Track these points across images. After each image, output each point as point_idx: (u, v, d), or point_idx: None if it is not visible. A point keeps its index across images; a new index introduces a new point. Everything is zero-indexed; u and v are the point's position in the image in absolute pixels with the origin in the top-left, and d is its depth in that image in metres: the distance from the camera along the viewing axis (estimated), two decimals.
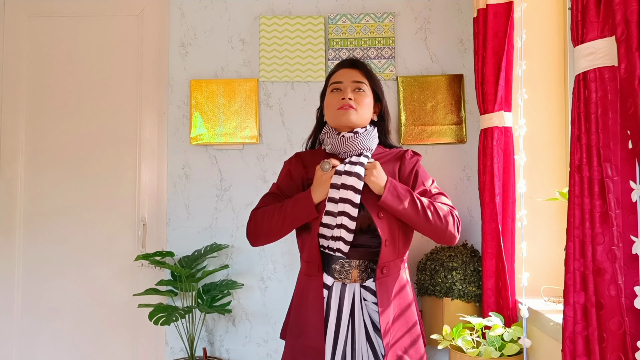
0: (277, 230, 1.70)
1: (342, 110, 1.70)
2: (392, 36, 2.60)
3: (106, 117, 2.71)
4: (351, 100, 1.70)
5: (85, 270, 2.69)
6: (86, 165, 2.70)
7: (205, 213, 2.65)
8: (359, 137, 1.71)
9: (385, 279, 1.67)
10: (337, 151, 1.74)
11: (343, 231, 1.64)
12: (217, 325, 2.63)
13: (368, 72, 1.77)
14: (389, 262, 1.68)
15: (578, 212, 1.27)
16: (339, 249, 1.67)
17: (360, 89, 1.73)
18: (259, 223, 1.73)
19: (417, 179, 1.74)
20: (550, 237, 2.25)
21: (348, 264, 1.69)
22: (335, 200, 1.63)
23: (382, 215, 1.64)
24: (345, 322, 1.68)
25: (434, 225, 1.63)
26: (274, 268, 2.62)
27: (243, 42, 2.67)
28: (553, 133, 2.27)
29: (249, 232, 1.76)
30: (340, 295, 1.70)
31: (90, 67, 2.73)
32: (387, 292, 1.67)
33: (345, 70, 1.76)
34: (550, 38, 2.28)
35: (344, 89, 1.73)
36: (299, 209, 1.66)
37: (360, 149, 1.71)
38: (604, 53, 1.23)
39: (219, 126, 2.63)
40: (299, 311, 1.73)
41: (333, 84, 1.75)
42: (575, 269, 1.27)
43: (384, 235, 1.63)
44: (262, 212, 1.72)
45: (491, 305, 2.20)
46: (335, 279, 1.70)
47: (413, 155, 1.80)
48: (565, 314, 1.29)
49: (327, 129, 1.79)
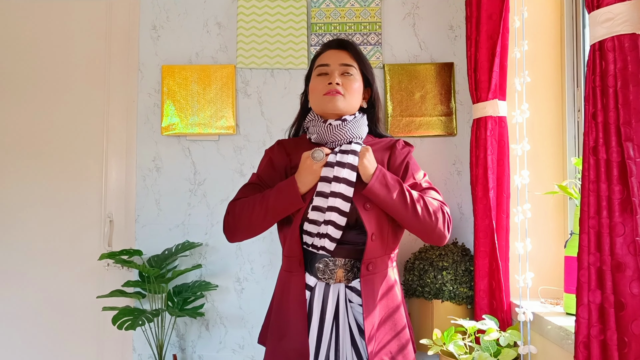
0: (258, 223, 1.54)
1: (328, 97, 1.55)
2: (379, 21, 2.45)
3: (70, 105, 2.51)
4: (339, 85, 1.55)
5: (46, 272, 2.48)
6: (47, 158, 2.50)
7: (177, 209, 2.46)
8: (348, 125, 1.57)
9: (371, 277, 1.53)
10: (324, 140, 1.59)
11: (330, 227, 1.49)
12: (189, 330, 2.44)
13: (357, 54, 1.61)
14: (376, 259, 1.53)
15: (593, 200, 1.12)
16: (324, 246, 1.52)
17: (349, 72, 1.58)
18: (237, 216, 1.56)
19: (408, 170, 1.60)
20: (547, 234, 2.11)
21: (333, 262, 1.54)
22: (325, 195, 1.48)
23: (369, 206, 1.49)
24: (328, 326, 1.53)
25: (422, 221, 1.49)
26: (251, 268, 2.44)
27: (219, 25, 2.49)
28: (550, 123, 2.13)
29: (226, 227, 1.59)
30: (324, 297, 1.54)
31: (53, 52, 2.53)
32: (372, 292, 1.52)
33: (333, 52, 1.61)
34: (545, 22, 2.15)
35: (331, 73, 1.57)
36: (283, 199, 1.50)
37: (348, 138, 1.57)
38: (624, 19, 1.09)
39: (192, 115, 2.45)
40: (280, 311, 1.57)
41: (319, 67, 1.60)
42: (590, 264, 1.12)
43: (370, 228, 1.49)
44: (242, 204, 1.56)
45: (484, 308, 2.06)
46: (319, 279, 1.55)
47: (405, 145, 1.66)
48: (579, 316, 1.14)
49: (312, 115, 1.63)
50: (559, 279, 2.05)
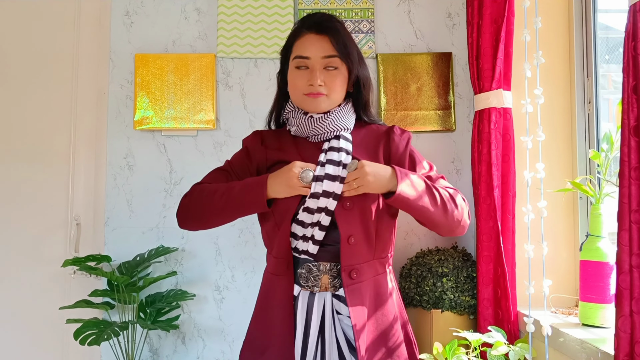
0: (213, 213, 1.39)
1: (310, 98, 1.40)
2: (372, 8, 2.27)
3: (35, 97, 2.31)
4: (321, 86, 1.39)
5: (5, 279, 2.27)
6: (8, 154, 2.30)
7: (151, 211, 2.26)
8: (331, 116, 1.42)
9: (358, 286, 1.34)
10: (305, 134, 1.44)
11: (316, 229, 1.33)
12: (164, 344, 2.23)
13: (340, 39, 1.41)
14: (361, 265, 1.35)
15: (636, 190, 0.94)
16: (307, 250, 1.35)
17: (332, 66, 1.40)
18: (195, 199, 1.41)
19: (415, 160, 1.45)
20: (556, 237, 1.94)
21: (317, 268, 1.36)
22: (317, 196, 1.32)
23: (349, 204, 1.33)
24: (313, 340, 1.34)
25: (450, 215, 1.36)
26: (232, 275, 2.24)
27: (199, 11, 2.31)
28: (558, 116, 1.98)
29: (180, 208, 1.44)
30: (308, 307, 1.36)
31: (16, 39, 2.32)
32: (362, 304, 1.34)
33: (312, 38, 1.41)
34: (552, 7, 2.00)
35: (311, 68, 1.40)
36: (247, 197, 1.35)
37: (333, 131, 1.42)
38: None
39: (168, 108, 2.25)
40: (262, 320, 1.41)
41: (298, 59, 1.41)
42: (633, 266, 0.94)
43: (347, 230, 1.32)
44: (202, 189, 1.41)
45: (488, 318, 1.88)
46: (302, 286, 1.37)
47: (402, 132, 1.49)
48: (619, 329, 0.95)
49: (291, 106, 1.48)
50: (570, 285, 1.88)
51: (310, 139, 1.45)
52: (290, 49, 1.45)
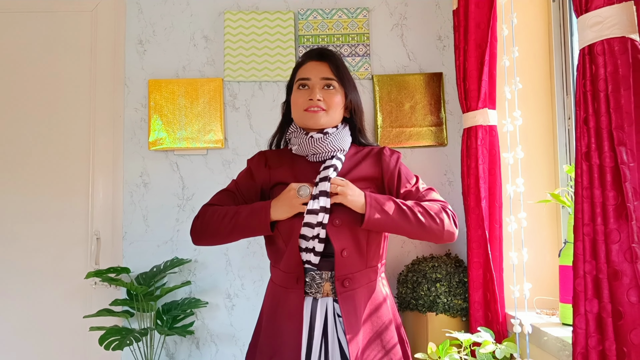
0: (223, 235, 1.53)
1: (310, 113, 1.56)
2: (367, 32, 2.44)
3: (55, 120, 2.47)
4: (320, 101, 1.55)
5: (31, 290, 2.41)
6: (32, 173, 2.45)
7: (165, 225, 2.41)
8: (329, 137, 1.57)
9: (351, 294, 1.48)
10: (305, 152, 1.59)
11: (316, 241, 1.47)
12: (179, 349, 2.38)
13: (337, 66, 1.60)
14: (353, 274, 1.49)
15: (587, 207, 1.09)
16: (309, 260, 1.49)
17: (330, 86, 1.57)
18: (206, 222, 1.55)
19: (401, 177, 1.59)
20: (541, 244, 2.08)
21: (319, 276, 1.50)
22: (315, 212, 1.46)
23: (338, 222, 1.47)
24: (317, 342, 1.48)
25: (428, 229, 1.47)
26: (241, 284, 2.39)
27: (206, 39, 2.47)
28: (541, 131, 2.12)
29: (193, 229, 1.59)
30: (312, 312, 1.50)
31: (39, 66, 2.48)
32: (354, 310, 1.48)
33: (314, 64, 1.60)
34: (533, 30, 2.15)
35: (312, 87, 1.57)
36: (252, 222, 1.49)
37: (330, 151, 1.57)
38: (613, 22, 1.07)
39: (180, 130, 2.41)
40: (272, 328, 1.53)
41: (300, 80, 1.59)
42: (586, 272, 1.09)
43: (340, 244, 1.47)
44: (213, 212, 1.55)
45: (479, 320, 2.02)
46: (306, 293, 1.50)
47: (392, 152, 1.65)
48: (576, 326, 1.11)
49: (294, 127, 1.64)
50: (553, 288, 2.02)
51: (309, 158, 1.60)
52: (294, 77, 1.63)
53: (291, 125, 1.65)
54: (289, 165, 1.62)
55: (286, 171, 1.60)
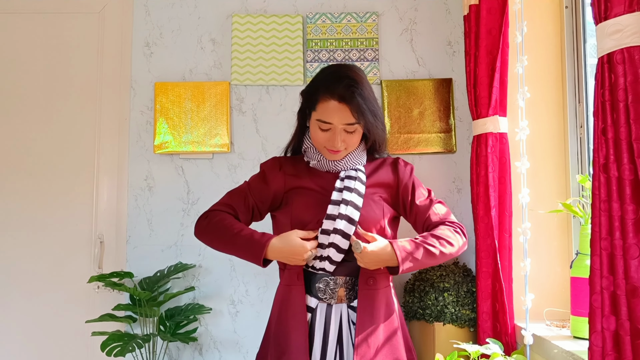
0: (219, 247, 1.59)
1: (330, 152, 1.57)
2: (376, 37, 2.41)
3: (60, 122, 2.45)
4: (341, 144, 1.54)
5: (33, 294, 2.39)
6: (36, 176, 2.43)
7: (169, 229, 2.39)
8: (347, 157, 1.61)
9: (372, 293, 1.50)
10: (324, 169, 1.62)
11: (332, 250, 1.48)
12: (182, 355, 2.35)
13: (360, 109, 1.49)
14: (378, 273, 1.52)
15: (605, 220, 1.06)
16: (323, 268, 1.50)
17: (352, 130, 1.54)
18: (210, 227, 1.57)
19: (415, 189, 1.65)
20: (551, 254, 2.05)
21: (334, 282, 1.50)
22: (333, 217, 1.49)
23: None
24: (332, 349, 1.47)
25: (449, 256, 1.55)
26: (246, 290, 2.36)
27: (214, 42, 2.45)
28: (552, 139, 2.09)
29: (198, 226, 1.62)
30: (326, 318, 1.51)
31: (44, 68, 2.47)
32: (371, 309, 1.50)
33: (336, 107, 1.50)
34: (545, 37, 2.12)
35: (333, 131, 1.53)
36: (247, 252, 1.52)
37: (347, 168, 1.60)
38: (633, 30, 1.04)
39: (186, 133, 2.39)
40: (279, 327, 1.53)
41: (321, 122, 1.53)
42: (604, 288, 1.05)
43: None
44: (220, 220, 1.56)
45: (487, 331, 1.98)
46: (320, 299, 1.49)
47: (406, 164, 1.71)
48: (592, 344, 1.07)
49: (310, 143, 1.63)
50: (564, 300, 1.98)
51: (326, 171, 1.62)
52: (314, 105, 1.54)
53: (307, 138, 1.64)
54: (305, 174, 1.63)
55: (301, 181, 1.61)
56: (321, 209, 1.53)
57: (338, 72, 1.54)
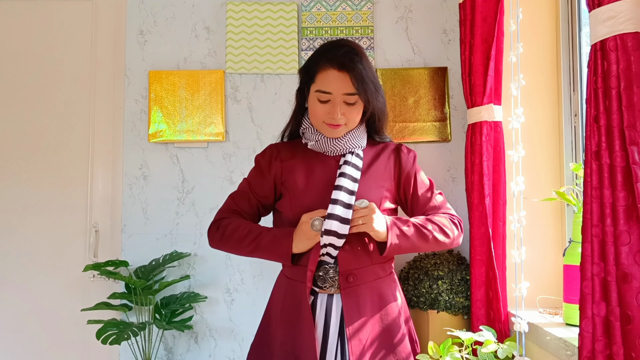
0: (243, 253, 1.54)
1: (330, 127, 1.52)
2: (371, 25, 2.40)
3: (54, 111, 2.44)
4: (341, 117, 1.50)
5: (29, 283, 2.39)
6: (31, 165, 2.42)
7: (164, 218, 2.39)
8: (346, 137, 1.56)
9: (354, 289, 1.47)
10: (322, 150, 1.58)
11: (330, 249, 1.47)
12: (178, 343, 2.36)
13: (361, 77, 1.47)
14: (358, 270, 1.48)
15: (596, 207, 1.06)
16: (328, 253, 1.48)
17: (352, 102, 1.49)
18: (227, 236, 1.54)
19: (417, 179, 1.63)
20: (545, 242, 2.05)
21: (334, 270, 1.48)
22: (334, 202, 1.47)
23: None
24: (333, 339, 1.47)
25: (442, 244, 1.54)
26: (241, 279, 2.37)
27: (208, 30, 2.43)
28: (547, 128, 2.09)
29: (212, 238, 1.58)
30: (327, 308, 1.49)
31: (37, 56, 2.45)
32: (357, 307, 1.47)
33: (335, 75, 1.47)
34: (541, 24, 2.11)
35: (332, 102, 1.49)
36: (275, 252, 1.49)
37: (348, 149, 1.57)
38: (627, 17, 1.04)
39: (180, 122, 2.38)
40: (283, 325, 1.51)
41: (320, 93, 1.49)
42: (594, 274, 1.06)
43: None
44: (234, 228, 1.54)
45: (481, 318, 1.99)
46: (320, 287, 1.48)
47: (409, 151, 1.67)
48: (583, 329, 1.08)
49: (308, 123, 1.60)
50: (557, 288, 1.99)
51: (325, 153, 1.59)
52: (313, 77, 1.52)
53: (305, 119, 1.61)
54: (302, 159, 1.60)
55: (299, 166, 1.58)
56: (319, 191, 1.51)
57: (337, 42, 1.53)
